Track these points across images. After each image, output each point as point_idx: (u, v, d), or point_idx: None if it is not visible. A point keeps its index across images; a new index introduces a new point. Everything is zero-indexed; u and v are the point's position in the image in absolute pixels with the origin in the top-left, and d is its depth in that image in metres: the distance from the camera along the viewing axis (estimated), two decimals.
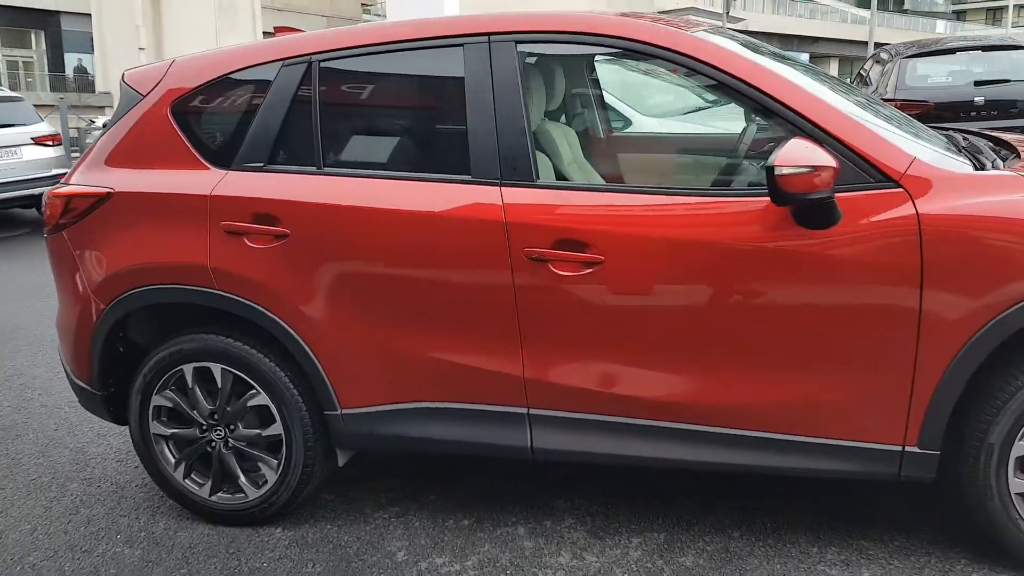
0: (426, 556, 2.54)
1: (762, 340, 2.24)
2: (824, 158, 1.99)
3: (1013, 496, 2.16)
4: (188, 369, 2.71)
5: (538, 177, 2.38)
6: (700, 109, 5.79)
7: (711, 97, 5.98)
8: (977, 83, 7.14)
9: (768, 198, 2.14)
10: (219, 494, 2.80)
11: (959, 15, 69.73)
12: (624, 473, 2.88)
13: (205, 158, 2.67)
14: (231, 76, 2.70)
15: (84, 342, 2.80)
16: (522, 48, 2.45)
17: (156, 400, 2.77)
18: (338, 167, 2.62)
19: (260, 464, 2.75)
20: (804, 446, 2.27)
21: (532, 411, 2.46)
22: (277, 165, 2.61)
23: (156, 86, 2.76)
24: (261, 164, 2.60)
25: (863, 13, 47.12)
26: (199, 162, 2.67)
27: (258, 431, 2.71)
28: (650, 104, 6.03)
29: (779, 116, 2.21)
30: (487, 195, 2.39)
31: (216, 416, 2.73)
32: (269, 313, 2.57)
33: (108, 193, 2.70)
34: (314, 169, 2.58)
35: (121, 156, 2.77)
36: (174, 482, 2.82)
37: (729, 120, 5.54)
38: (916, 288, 2.07)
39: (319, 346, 2.56)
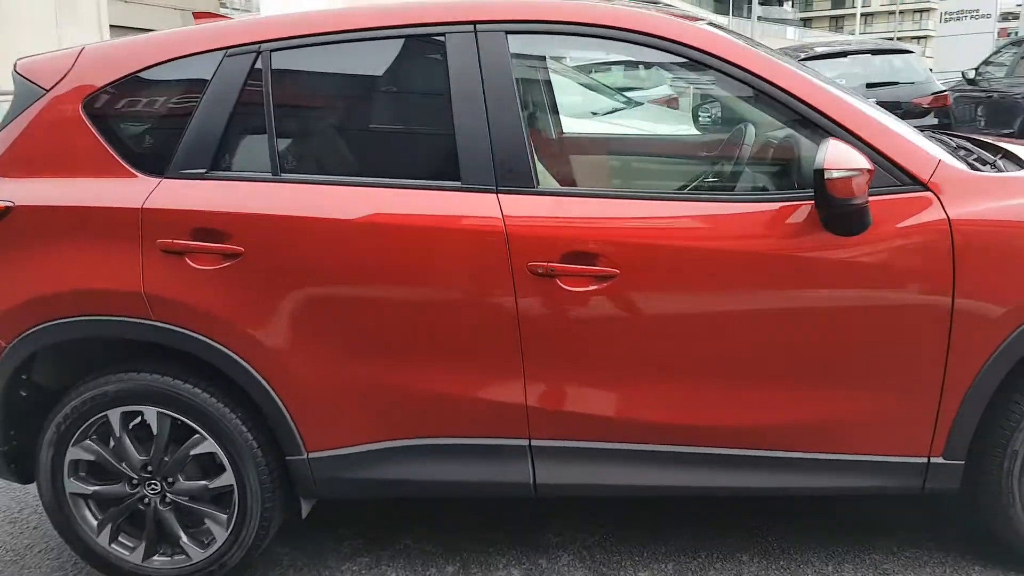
0: None
1: (791, 355, 2.09)
2: (864, 161, 1.87)
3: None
4: (114, 415, 2.27)
5: (538, 183, 2.14)
6: (615, 111, 5.71)
7: (623, 99, 5.94)
8: (869, 85, 7.47)
9: (794, 203, 2.02)
10: (155, 558, 2.38)
11: (806, 22, 74.80)
12: (614, 499, 2.68)
13: (131, 164, 2.25)
14: (160, 67, 2.29)
15: None
16: (513, 39, 2.19)
17: (73, 453, 2.31)
18: (298, 173, 2.28)
19: (207, 520, 2.35)
20: (831, 464, 2.14)
21: (534, 442, 2.21)
22: (223, 171, 2.23)
23: (63, 79, 2.30)
24: (203, 170, 2.21)
25: (719, 19, 49.55)
26: (124, 169, 2.24)
27: (204, 483, 2.32)
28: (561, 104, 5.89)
29: (805, 118, 2.06)
30: (482, 204, 2.11)
31: (150, 468, 2.31)
32: (219, 346, 2.19)
33: (7, 207, 2.22)
34: (269, 176, 2.22)
35: (18, 163, 2.29)
36: (97, 548, 2.37)
37: (648, 122, 5.49)
38: (948, 295, 1.98)
39: (281, 382, 2.21)
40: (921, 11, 75.55)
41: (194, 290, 2.17)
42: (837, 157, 1.84)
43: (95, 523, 2.37)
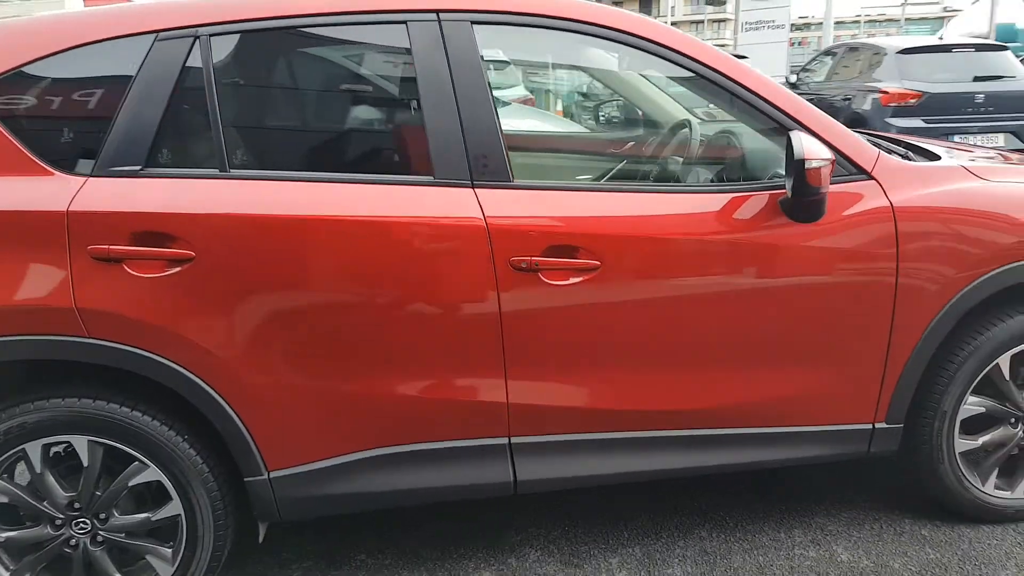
0: None
1: (757, 337, 2.19)
2: (829, 153, 2.00)
3: (957, 456, 2.39)
4: (34, 448, 1.98)
5: (513, 177, 2.09)
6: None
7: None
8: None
9: (756, 193, 2.13)
10: None
11: None
12: (566, 494, 2.68)
13: (45, 160, 1.95)
14: (75, 51, 1.99)
15: None
16: (480, 29, 2.12)
17: None
18: (248, 168, 2.07)
19: (149, 556, 2.10)
20: (790, 436, 2.27)
21: (514, 439, 2.17)
22: (161, 168, 1.99)
23: None
24: (137, 167, 1.96)
25: None
26: (36, 165, 1.94)
27: (146, 515, 2.07)
28: None
29: (763, 113, 2.17)
30: (460, 199, 2.03)
31: (78, 505, 2.03)
32: (168, 362, 1.95)
33: None
34: (217, 172, 2.00)
35: None
36: None
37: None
38: (893, 274, 2.16)
39: (238, 398, 2.01)
40: (719, 21, 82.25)
41: (135, 301, 1.92)
42: (813, 148, 1.95)
43: (6, 574, 2.05)
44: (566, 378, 2.15)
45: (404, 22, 2.09)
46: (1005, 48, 7.55)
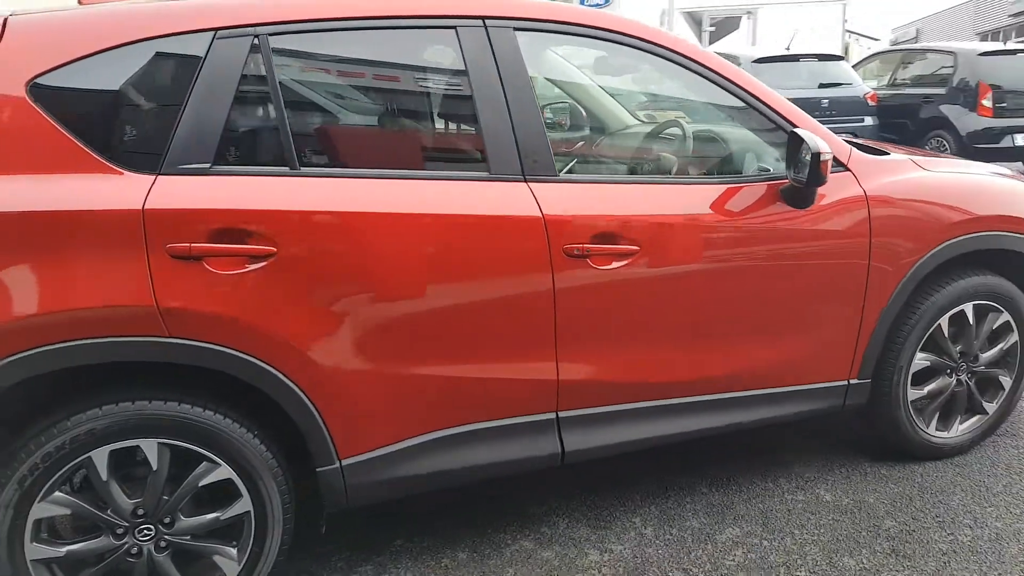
0: None
1: (767, 308, 2.49)
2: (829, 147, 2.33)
3: (909, 404, 2.81)
4: (100, 455, 1.90)
5: (558, 171, 2.26)
6: None
7: None
8: None
9: (762, 183, 2.43)
10: None
11: None
12: (574, 467, 2.85)
13: (110, 159, 1.88)
14: (130, 48, 1.93)
15: None
16: (523, 36, 2.26)
17: (40, 510, 1.89)
18: (316, 167, 2.10)
19: (215, 557, 2.08)
20: (790, 395, 2.60)
21: (561, 414, 2.34)
22: (229, 166, 1.98)
23: None
24: (206, 165, 1.94)
25: None
26: (100, 164, 1.87)
27: (215, 515, 2.04)
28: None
29: (763, 114, 2.48)
30: (517, 193, 2.17)
31: (141, 511, 1.97)
32: (250, 358, 1.95)
33: None
34: (287, 170, 2.02)
35: None
36: None
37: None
38: (867, 250, 2.54)
39: (316, 390, 2.04)
40: None
41: (216, 298, 1.90)
42: (821, 144, 2.27)
43: None
44: (608, 354, 2.34)
45: (454, 27, 2.20)
46: (842, 58, 8.58)
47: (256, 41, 2.01)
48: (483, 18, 2.23)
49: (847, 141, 2.76)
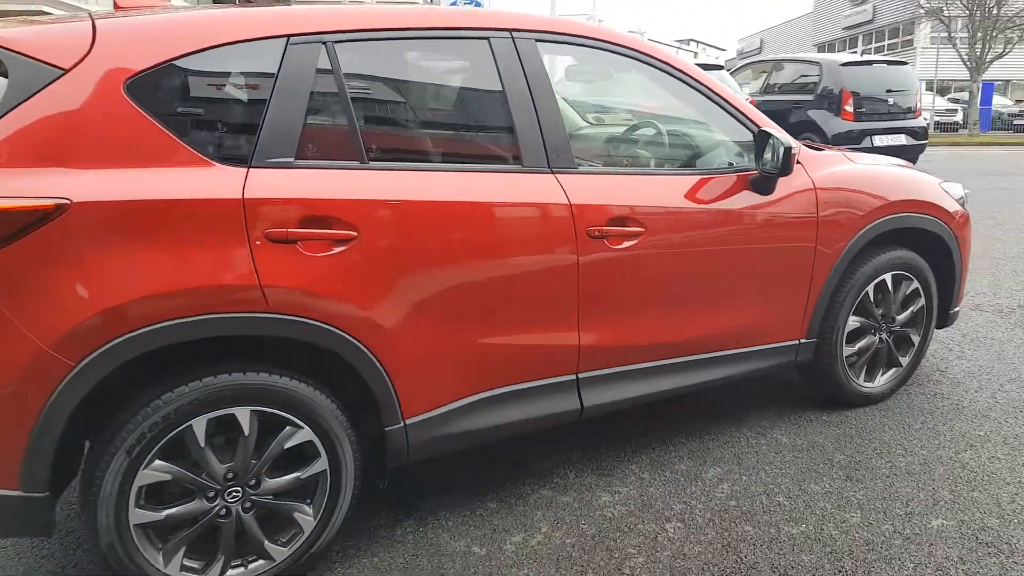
0: (500, 540, 2.53)
1: (740, 280, 2.94)
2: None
3: (844, 359, 3.35)
4: (199, 424, 2.08)
5: (576, 164, 2.60)
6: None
7: None
8: None
9: (735, 173, 2.88)
10: (229, 572, 2.22)
11: None
12: (567, 428, 3.19)
13: (204, 153, 2.06)
14: (215, 51, 2.12)
15: (18, 423, 1.88)
16: (540, 46, 2.59)
17: (144, 477, 2.04)
18: (382, 160, 2.34)
19: (295, 513, 2.28)
20: (756, 353, 3.07)
21: (581, 375, 2.69)
22: (308, 160, 2.20)
23: (86, 58, 1.97)
24: (290, 159, 2.15)
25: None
26: (196, 157, 2.05)
27: (295, 475, 2.25)
28: None
29: (734, 117, 2.93)
30: (547, 183, 2.50)
31: (232, 475, 2.16)
32: (335, 329, 2.18)
33: (59, 205, 1.86)
34: (357, 163, 2.26)
35: (27, 152, 1.89)
36: None
37: None
38: (815, 228, 3.04)
39: (387, 356, 2.29)
40: None
41: (307, 277, 2.13)
42: (791, 140, 2.73)
43: (161, 552, 2.12)
44: (619, 321, 2.71)
45: (487, 38, 2.51)
46: (722, 67, 9.37)
47: (325, 47, 2.24)
48: (510, 30, 2.55)
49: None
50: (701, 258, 2.84)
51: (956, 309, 3.70)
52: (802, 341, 3.20)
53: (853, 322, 3.33)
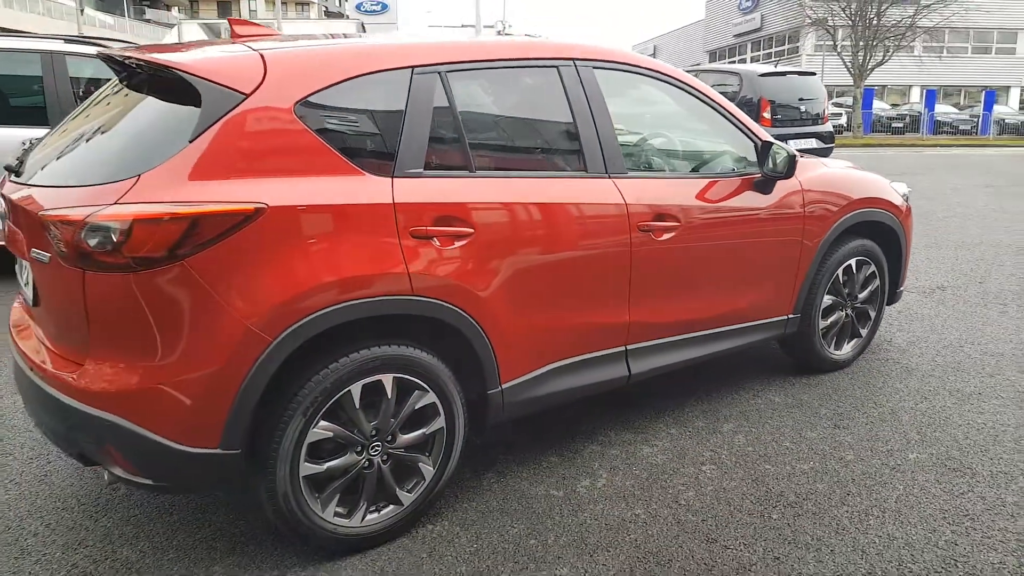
0: (572, 485, 3.02)
1: (747, 266, 3.54)
2: None
3: (820, 330, 4.01)
4: (356, 389, 2.49)
5: (627, 171, 3.13)
6: None
7: None
8: None
9: (743, 177, 3.48)
10: (368, 516, 2.63)
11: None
12: (597, 399, 3.69)
13: (358, 164, 2.47)
14: (361, 79, 2.53)
15: (226, 390, 2.24)
16: (598, 72, 3.11)
17: (312, 435, 2.43)
18: (484, 169, 2.78)
19: (419, 464, 2.71)
20: (757, 327, 3.68)
21: (629, 347, 3.21)
22: (432, 170, 2.63)
23: (262, 85, 2.35)
24: (420, 170, 2.58)
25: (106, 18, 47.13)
26: (352, 168, 2.45)
27: (422, 431, 2.68)
28: None
29: (739, 128, 3.52)
30: (607, 186, 3.02)
31: (375, 431, 2.57)
32: (457, 308, 2.62)
33: (257, 208, 2.24)
34: (467, 172, 2.71)
35: (222, 165, 2.25)
36: (325, 525, 2.52)
37: None
38: (802, 220, 3.68)
39: (492, 331, 2.74)
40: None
41: (439, 265, 2.56)
42: (793, 149, 3.34)
43: (319, 500, 2.50)
44: (658, 300, 3.25)
45: (556, 66, 3.01)
46: None
47: (440, 75, 2.69)
48: (573, 60, 3.05)
49: None
50: (720, 247, 3.42)
51: (901, 288, 4.45)
52: (790, 316, 3.84)
53: (827, 300, 3.99)
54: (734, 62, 55.34)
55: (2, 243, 2.92)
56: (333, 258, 2.37)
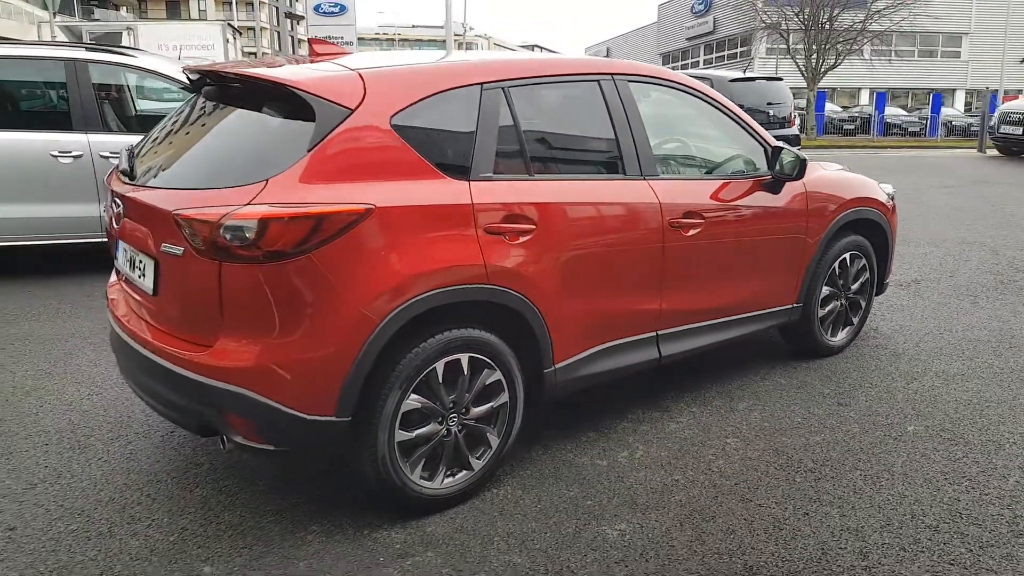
0: (612, 455, 3.36)
1: (761, 258, 3.92)
2: None
3: (819, 319, 4.40)
4: (440, 365, 2.79)
5: (660, 173, 3.47)
6: None
7: None
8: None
9: (756, 179, 3.86)
10: (446, 480, 2.93)
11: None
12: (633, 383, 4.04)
13: (441, 170, 2.77)
14: (441, 95, 2.84)
15: (341, 365, 2.53)
16: (632, 85, 3.45)
17: (406, 405, 2.73)
18: (540, 173, 3.10)
19: (487, 434, 3.01)
20: (767, 314, 4.07)
21: (660, 332, 3.56)
22: (499, 174, 2.94)
23: (364, 100, 2.66)
24: (490, 174, 2.90)
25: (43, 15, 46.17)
26: (435, 173, 2.75)
27: (490, 405, 2.99)
28: None
29: (750, 134, 3.89)
30: (643, 187, 3.36)
31: (453, 403, 2.87)
32: (522, 296, 2.94)
33: (368, 209, 2.54)
34: (527, 176, 3.03)
35: (334, 171, 2.56)
36: (413, 486, 2.81)
37: None
38: (805, 217, 4.08)
39: (549, 316, 3.06)
40: (250, 29, 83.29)
41: (508, 258, 2.88)
42: (804, 154, 3.72)
43: (407, 464, 2.80)
44: (685, 290, 3.61)
45: (597, 80, 3.35)
46: None
47: (503, 90, 3.00)
48: (612, 75, 3.40)
49: None
50: (738, 242, 3.79)
51: (888, 280, 4.89)
52: (795, 305, 4.24)
53: (825, 291, 4.40)
54: (687, 65, 56.41)
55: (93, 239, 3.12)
56: (427, 251, 2.67)
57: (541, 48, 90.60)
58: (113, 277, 3.38)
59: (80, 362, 4.51)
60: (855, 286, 4.60)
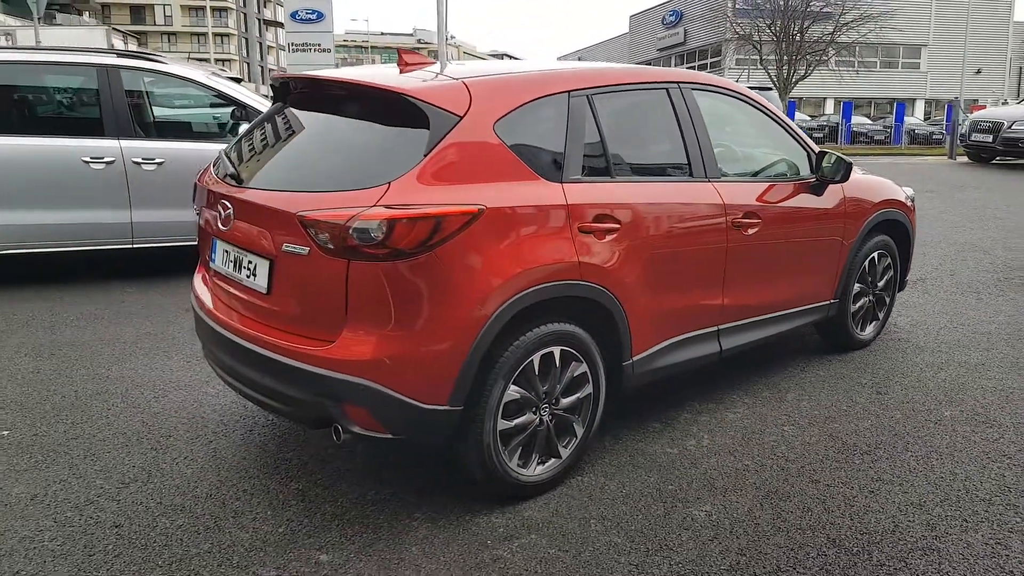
0: (681, 444, 3.54)
1: (806, 256, 4.15)
2: None
3: (851, 315, 4.65)
4: (536, 358, 2.95)
5: (721, 175, 3.68)
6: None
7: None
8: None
9: (799, 181, 4.10)
10: (538, 467, 3.09)
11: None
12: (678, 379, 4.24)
13: (537, 172, 2.94)
14: (535, 102, 3.02)
15: (457, 357, 2.68)
16: (695, 93, 3.66)
17: (506, 396, 2.89)
18: (619, 175, 3.28)
19: (574, 423, 3.18)
20: (815, 308, 4.31)
21: (721, 327, 3.76)
22: (586, 176, 3.12)
23: (470, 108, 2.83)
24: (579, 176, 3.08)
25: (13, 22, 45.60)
26: (533, 175, 2.92)
27: (577, 396, 3.16)
28: None
29: (796, 140, 4.13)
30: (709, 189, 3.57)
31: (545, 394, 3.04)
32: (608, 291, 3.11)
33: (480, 210, 2.70)
34: (609, 178, 3.21)
35: (447, 174, 2.72)
36: (511, 472, 2.97)
37: None
38: (843, 221, 4.33)
39: (630, 311, 3.24)
40: (223, 35, 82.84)
41: (598, 255, 3.06)
42: (847, 158, 3.96)
43: (506, 451, 2.95)
44: (744, 286, 3.82)
45: (665, 88, 3.55)
46: None
47: (587, 98, 3.19)
48: (678, 83, 3.61)
49: None
50: (790, 241, 4.02)
51: (907, 277, 5.16)
52: (832, 301, 4.48)
53: (856, 287, 4.65)
54: None
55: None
56: (531, 249, 2.84)
57: (510, 56, 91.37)
58: (198, 277, 3.49)
59: (135, 366, 4.59)
60: (881, 283, 4.86)
